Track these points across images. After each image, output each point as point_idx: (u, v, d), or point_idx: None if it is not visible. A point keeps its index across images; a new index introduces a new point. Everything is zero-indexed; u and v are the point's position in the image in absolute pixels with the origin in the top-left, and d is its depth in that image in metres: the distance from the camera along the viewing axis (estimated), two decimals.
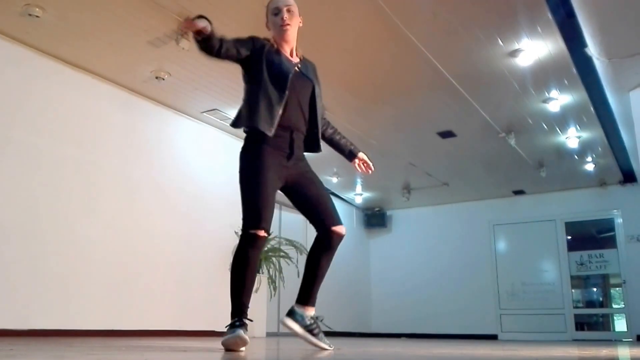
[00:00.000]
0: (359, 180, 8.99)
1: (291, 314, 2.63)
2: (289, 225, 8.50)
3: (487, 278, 9.48)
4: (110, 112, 5.26)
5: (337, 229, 2.60)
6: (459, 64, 5.05)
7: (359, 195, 9.64)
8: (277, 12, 2.66)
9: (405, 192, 9.29)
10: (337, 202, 9.60)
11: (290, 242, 7.14)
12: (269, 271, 6.59)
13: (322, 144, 2.86)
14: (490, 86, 5.47)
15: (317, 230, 2.65)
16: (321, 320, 2.63)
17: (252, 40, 2.62)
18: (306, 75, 2.72)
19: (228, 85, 5.39)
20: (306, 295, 2.67)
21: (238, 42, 2.56)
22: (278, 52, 2.65)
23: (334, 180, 8.61)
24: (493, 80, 5.31)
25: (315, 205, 2.62)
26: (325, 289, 10.01)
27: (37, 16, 4.10)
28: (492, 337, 9.08)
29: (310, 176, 2.69)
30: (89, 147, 5.02)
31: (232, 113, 6.03)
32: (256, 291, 6.49)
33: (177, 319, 5.47)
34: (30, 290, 4.36)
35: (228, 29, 4.44)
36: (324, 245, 2.63)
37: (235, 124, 2.61)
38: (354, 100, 5.86)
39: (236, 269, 2.51)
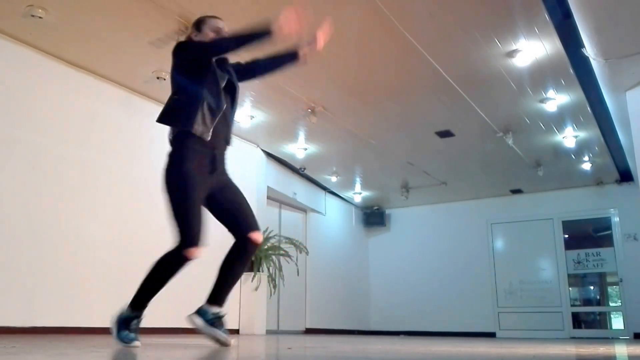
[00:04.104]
0: (358, 179, 9.04)
1: (198, 311, 2.68)
2: (289, 223, 8.54)
3: (485, 276, 9.53)
4: (112, 112, 5.29)
5: (254, 235, 2.65)
6: (456, 65, 5.09)
7: (358, 194, 9.68)
8: (217, 30, 2.72)
9: (404, 191, 9.33)
10: (336, 201, 9.76)
11: (290, 241, 7.18)
12: (268, 269, 6.63)
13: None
14: (488, 86, 5.51)
15: (234, 237, 2.69)
16: (224, 315, 2.68)
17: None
18: (232, 82, 2.75)
19: None
20: (217, 297, 2.68)
21: None
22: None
23: (333, 179, 8.65)
24: (491, 80, 5.35)
25: (233, 213, 2.66)
26: (325, 287, 10.09)
27: (39, 17, 4.12)
28: (491, 335, 9.13)
29: (230, 185, 2.72)
30: (92, 146, 5.05)
31: None
32: (256, 289, 6.58)
33: (178, 317, 5.49)
34: (33, 288, 4.40)
35: (226, 28, 4.49)
36: (239, 252, 2.67)
37: (166, 121, 2.60)
38: (352, 100, 5.89)
39: (158, 276, 2.57)
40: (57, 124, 4.81)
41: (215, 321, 2.63)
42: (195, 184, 2.52)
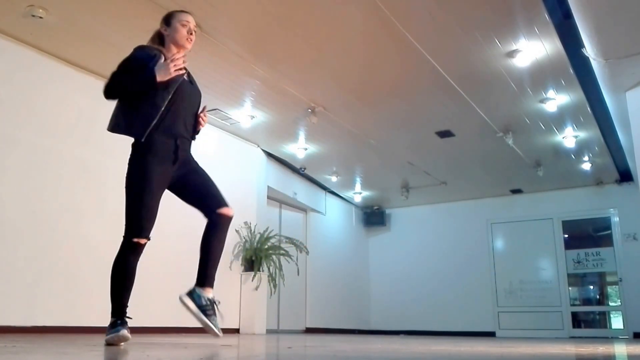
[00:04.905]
0: (358, 179, 9.05)
1: (190, 293, 2.68)
2: (289, 223, 8.55)
3: (485, 276, 9.54)
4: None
5: (224, 210, 2.68)
6: (457, 65, 5.10)
7: (358, 193, 9.69)
8: (186, 24, 2.77)
9: (404, 191, 9.34)
10: (336, 201, 9.77)
11: (290, 240, 7.19)
12: (269, 269, 6.64)
13: None
14: (488, 86, 5.51)
15: (205, 216, 2.72)
16: (218, 303, 2.67)
17: (140, 52, 2.70)
18: (194, 84, 2.82)
19: (229, 85, 5.44)
20: (203, 276, 2.69)
21: (134, 69, 2.64)
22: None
23: (333, 179, 8.66)
24: (491, 80, 5.36)
25: (200, 193, 2.72)
26: (325, 287, 10.08)
27: (40, 17, 4.13)
28: (490, 335, 9.14)
29: (196, 169, 2.76)
30: (92, 146, 5.06)
31: (233, 113, 6.11)
32: (256, 289, 6.58)
33: (179, 316, 5.51)
34: (33, 287, 4.41)
35: (226, 29, 4.51)
36: (213, 228, 2.69)
37: (114, 129, 2.67)
38: (352, 100, 5.90)
39: (118, 275, 2.64)
40: (57, 123, 4.82)
41: (209, 309, 2.63)
42: (154, 176, 2.56)
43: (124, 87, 2.63)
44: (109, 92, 2.65)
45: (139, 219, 2.57)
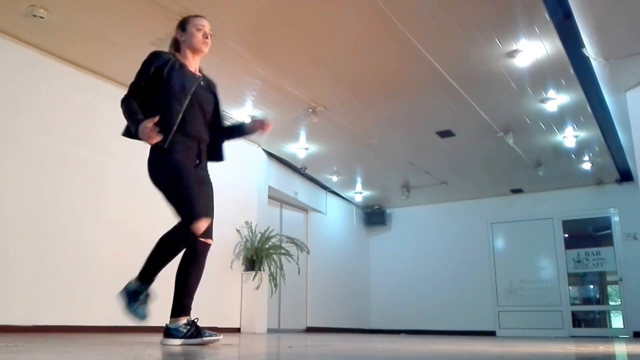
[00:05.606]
0: (359, 179, 9.06)
1: (166, 333, 2.64)
2: (290, 223, 8.56)
3: (485, 275, 9.55)
4: (113, 111, 5.29)
5: (206, 239, 2.69)
6: (457, 65, 5.10)
7: (359, 193, 9.70)
8: (201, 28, 2.80)
9: (405, 191, 9.35)
10: (337, 201, 9.78)
11: (291, 240, 7.20)
12: (270, 268, 6.64)
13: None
14: (489, 86, 5.52)
15: None
16: (197, 320, 2.66)
17: (154, 58, 2.72)
18: (209, 89, 2.85)
19: (229, 85, 5.44)
20: (178, 308, 2.67)
21: (139, 87, 2.72)
22: (182, 66, 2.74)
23: (334, 178, 8.67)
24: (491, 80, 5.36)
25: None
26: (326, 286, 10.08)
27: (41, 17, 4.14)
28: (491, 334, 9.15)
29: (207, 183, 2.79)
30: (93, 145, 5.06)
31: (234, 112, 6.11)
32: (257, 288, 6.59)
33: None
34: (35, 287, 4.41)
35: (227, 28, 4.51)
36: (192, 255, 2.70)
37: (131, 135, 2.67)
38: (353, 100, 5.90)
39: (164, 254, 2.60)
40: (58, 123, 4.82)
41: (192, 331, 2.61)
42: (188, 168, 2.61)
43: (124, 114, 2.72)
44: (122, 108, 2.75)
45: (194, 201, 2.53)
